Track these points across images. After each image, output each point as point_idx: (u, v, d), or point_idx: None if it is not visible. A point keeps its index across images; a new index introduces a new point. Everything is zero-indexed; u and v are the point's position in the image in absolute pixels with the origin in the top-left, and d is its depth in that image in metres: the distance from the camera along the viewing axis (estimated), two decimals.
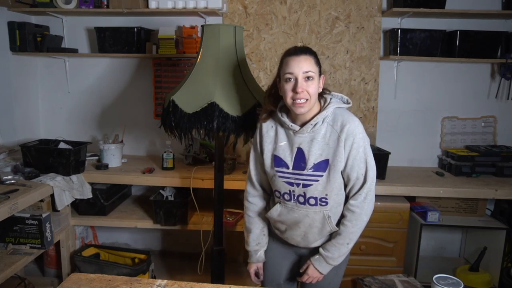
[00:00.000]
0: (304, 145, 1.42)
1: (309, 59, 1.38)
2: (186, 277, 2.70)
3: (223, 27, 1.88)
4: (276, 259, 1.67)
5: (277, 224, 1.57)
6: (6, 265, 2.04)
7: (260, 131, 1.53)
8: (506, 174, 2.59)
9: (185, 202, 2.54)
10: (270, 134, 1.50)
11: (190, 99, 1.82)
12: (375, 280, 2.26)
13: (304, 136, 1.42)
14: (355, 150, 1.40)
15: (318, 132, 1.41)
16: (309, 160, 1.41)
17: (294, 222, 1.49)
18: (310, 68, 1.36)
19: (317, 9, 2.76)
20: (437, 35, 2.60)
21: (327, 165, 1.41)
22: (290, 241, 1.57)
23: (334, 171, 1.40)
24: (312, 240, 1.52)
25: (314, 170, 1.41)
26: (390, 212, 2.43)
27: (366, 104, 2.83)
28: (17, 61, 2.80)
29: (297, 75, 1.35)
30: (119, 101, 3.01)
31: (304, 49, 1.40)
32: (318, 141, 1.41)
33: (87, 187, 2.52)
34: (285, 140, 1.46)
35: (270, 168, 1.49)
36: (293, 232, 1.52)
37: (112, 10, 2.63)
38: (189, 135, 1.90)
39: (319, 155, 1.41)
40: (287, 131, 1.46)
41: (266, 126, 1.51)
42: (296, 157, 1.43)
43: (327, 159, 1.40)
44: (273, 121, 1.51)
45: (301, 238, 1.53)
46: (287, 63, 1.38)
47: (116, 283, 1.29)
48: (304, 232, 1.50)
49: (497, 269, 2.50)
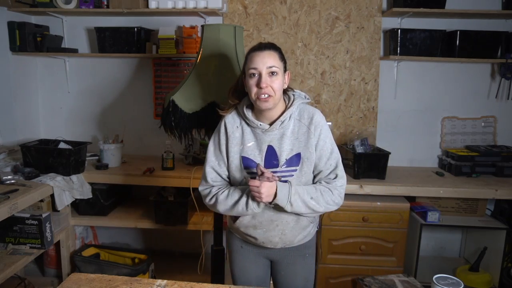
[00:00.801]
0: (275, 142, 1.42)
1: (273, 55, 1.38)
2: (186, 277, 2.70)
3: (223, 27, 1.88)
4: (246, 265, 1.61)
5: (250, 230, 1.50)
6: (6, 265, 2.04)
7: (225, 130, 1.47)
8: (506, 174, 2.59)
9: (185, 202, 2.54)
10: (236, 135, 1.46)
11: (190, 99, 1.82)
12: (375, 280, 2.26)
13: (274, 134, 1.42)
14: (322, 141, 1.43)
15: (287, 128, 1.42)
16: (281, 157, 1.41)
17: (270, 221, 1.46)
18: (274, 63, 1.37)
19: (317, 9, 2.76)
20: (437, 35, 2.60)
21: (299, 159, 1.41)
22: (266, 244, 1.51)
23: (308, 163, 1.41)
24: (290, 236, 1.48)
25: (287, 165, 1.41)
26: (390, 212, 2.43)
27: (366, 104, 2.83)
28: (17, 61, 2.80)
29: (261, 70, 1.36)
30: (119, 101, 3.01)
31: (268, 45, 1.40)
32: (287, 136, 1.42)
33: (87, 187, 2.52)
34: (252, 140, 1.44)
35: (238, 170, 1.45)
36: (270, 233, 1.47)
37: (112, 10, 2.63)
38: (189, 135, 1.89)
39: (290, 150, 1.41)
40: (254, 130, 1.45)
41: (232, 126, 1.46)
42: (267, 155, 1.42)
43: (299, 152, 1.41)
44: (238, 120, 1.47)
45: (279, 237, 1.48)
46: (251, 59, 1.38)
47: (116, 283, 1.29)
48: (281, 229, 1.47)
49: (497, 269, 2.50)
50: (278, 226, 1.47)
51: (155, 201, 2.56)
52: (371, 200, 2.44)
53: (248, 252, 1.60)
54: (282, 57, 1.42)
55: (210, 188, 1.50)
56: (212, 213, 2.09)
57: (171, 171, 2.60)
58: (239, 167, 1.45)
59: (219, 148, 1.49)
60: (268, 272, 1.66)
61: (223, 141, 1.48)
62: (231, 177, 1.50)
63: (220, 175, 1.50)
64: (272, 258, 1.61)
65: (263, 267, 1.62)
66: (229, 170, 1.48)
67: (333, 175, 1.45)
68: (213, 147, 1.52)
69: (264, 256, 1.60)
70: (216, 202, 1.46)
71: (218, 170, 1.50)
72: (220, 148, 1.48)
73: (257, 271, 1.62)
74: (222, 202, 1.45)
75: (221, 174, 1.50)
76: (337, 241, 2.47)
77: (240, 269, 1.63)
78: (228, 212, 1.46)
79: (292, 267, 1.58)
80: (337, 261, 2.48)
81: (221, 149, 1.48)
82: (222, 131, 1.48)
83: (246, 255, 1.60)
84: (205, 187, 1.52)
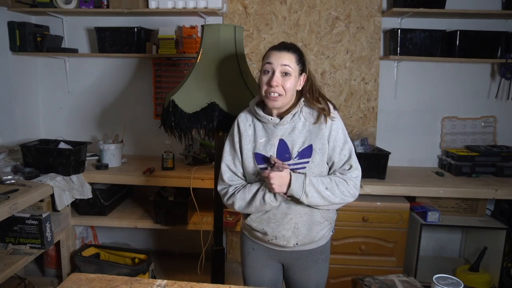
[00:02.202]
0: (286, 136, 1.42)
1: (290, 56, 1.38)
2: (186, 277, 2.70)
3: (223, 27, 1.87)
4: (257, 268, 1.60)
5: (263, 225, 1.48)
6: (6, 265, 2.04)
7: (238, 129, 1.50)
8: (506, 174, 2.59)
9: (185, 202, 2.54)
10: (249, 133, 1.47)
11: (190, 99, 1.82)
12: (375, 280, 2.26)
13: (285, 128, 1.43)
14: (335, 132, 1.42)
15: (298, 121, 1.42)
16: (293, 150, 1.41)
17: (284, 214, 1.45)
18: (288, 63, 1.37)
19: (317, 9, 2.76)
20: (437, 35, 2.60)
21: (311, 151, 1.41)
22: (278, 240, 1.48)
23: (320, 154, 1.40)
24: (303, 230, 1.45)
25: (300, 157, 1.41)
26: (390, 212, 2.43)
27: (366, 104, 2.83)
28: (17, 61, 2.80)
29: (274, 68, 1.37)
30: (119, 101, 3.01)
31: (288, 45, 1.40)
32: (299, 129, 1.42)
33: (87, 187, 2.52)
34: (264, 136, 1.45)
35: (252, 167, 1.46)
36: (283, 226, 1.45)
37: (112, 10, 2.63)
38: (189, 135, 1.89)
39: (302, 142, 1.41)
40: (266, 126, 1.46)
41: (244, 125, 1.48)
42: (279, 149, 1.42)
43: (310, 144, 1.41)
44: (250, 118, 1.50)
45: (292, 231, 1.45)
46: (268, 55, 1.40)
47: (116, 283, 1.29)
48: (295, 223, 1.45)
49: (497, 269, 2.50)
50: (292, 219, 1.45)
51: (155, 201, 2.56)
52: (371, 200, 2.44)
53: (259, 255, 1.58)
54: (300, 60, 1.40)
55: (227, 188, 1.50)
56: (212, 213, 2.09)
57: (171, 171, 2.60)
58: (252, 164, 1.46)
59: (233, 146, 1.51)
60: (281, 276, 1.63)
61: (237, 139, 1.50)
62: (246, 175, 1.50)
63: (236, 173, 1.51)
64: (284, 261, 1.58)
65: (275, 270, 1.60)
66: (244, 168, 1.49)
67: (347, 166, 1.44)
68: (228, 146, 1.54)
69: (276, 260, 1.58)
70: (234, 200, 1.46)
71: (233, 169, 1.51)
72: (234, 146, 1.50)
73: (269, 274, 1.60)
74: (240, 199, 1.45)
75: (237, 172, 1.51)
76: (337, 241, 2.47)
77: (252, 272, 1.61)
78: (247, 209, 1.46)
79: (305, 272, 1.56)
80: (337, 261, 2.48)
81: (235, 148, 1.50)
82: (235, 129, 1.51)
83: (257, 257, 1.59)
84: (223, 186, 1.53)
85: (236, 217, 2.57)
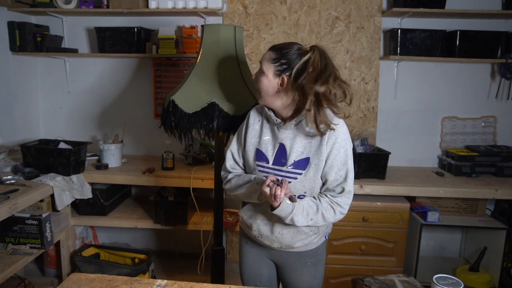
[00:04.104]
0: (287, 141, 1.41)
1: (269, 53, 1.38)
2: (186, 277, 2.70)
3: (223, 27, 1.87)
4: (250, 261, 1.62)
5: (250, 221, 1.50)
6: (6, 265, 2.04)
7: (247, 122, 1.53)
8: (506, 174, 2.59)
9: (185, 202, 2.54)
10: (256, 128, 1.49)
11: (190, 99, 1.82)
12: (375, 280, 2.26)
13: (287, 132, 1.42)
14: (336, 150, 1.37)
15: (302, 130, 1.41)
16: (290, 157, 1.40)
17: (272, 214, 1.41)
18: (264, 62, 1.38)
19: (317, 9, 2.76)
20: (437, 35, 2.60)
21: (307, 163, 1.38)
22: (263, 239, 1.50)
23: (315, 170, 1.37)
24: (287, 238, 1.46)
25: (294, 167, 1.39)
26: (390, 212, 2.43)
27: (366, 104, 2.83)
28: (17, 61, 2.80)
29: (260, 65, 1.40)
30: (119, 101, 3.01)
31: (276, 45, 1.40)
32: (301, 138, 1.40)
33: (87, 187, 2.52)
34: (269, 135, 1.46)
35: (251, 161, 1.48)
36: (269, 227, 1.46)
37: (112, 10, 2.63)
38: (189, 135, 1.89)
39: (301, 152, 1.39)
40: (272, 126, 1.46)
41: (254, 119, 1.51)
42: (278, 152, 1.42)
43: (308, 157, 1.39)
44: (260, 115, 1.52)
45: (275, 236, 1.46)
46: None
47: (116, 283, 1.29)
48: (280, 229, 1.45)
49: (497, 269, 2.50)
50: (278, 224, 1.45)
51: (155, 201, 2.56)
52: (371, 200, 2.44)
53: (252, 250, 1.61)
54: (279, 59, 1.34)
55: (227, 174, 1.56)
56: (212, 213, 2.09)
57: (171, 171, 2.60)
58: (252, 158, 1.48)
59: (240, 137, 1.55)
60: (275, 273, 1.65)
61: (243, 131, 1.53)
62: (246, 166, 1.53)
63: (238, 163, 1.56)
64: (274, 260, 1.60)
65: (267, 267, 1.62)
66: (244, 159, 1.52)
67: (339, 189, 1.40)
68: (236, 136, 1.58)
69: (267, 256, 1.60)
70: (230, 186, 1.52)
71: (236, 159, 1.55)
72: (240, 137, 1.54)
73: (261, 269, 1.62)
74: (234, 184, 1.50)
75: (238, 162, 1.55)
76: (337, 241, 2.47)
77: (245, 265, 1.65)
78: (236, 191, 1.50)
79: (294, 273, 1.56)
80: (337, 261, 2.48)
81: (240, 139, 1.54)
82: (245, 122, 1.54)
83: (250, 252, 1.62)
84: (224, 172, 1.59)
85: (236, 217, 2.57)
